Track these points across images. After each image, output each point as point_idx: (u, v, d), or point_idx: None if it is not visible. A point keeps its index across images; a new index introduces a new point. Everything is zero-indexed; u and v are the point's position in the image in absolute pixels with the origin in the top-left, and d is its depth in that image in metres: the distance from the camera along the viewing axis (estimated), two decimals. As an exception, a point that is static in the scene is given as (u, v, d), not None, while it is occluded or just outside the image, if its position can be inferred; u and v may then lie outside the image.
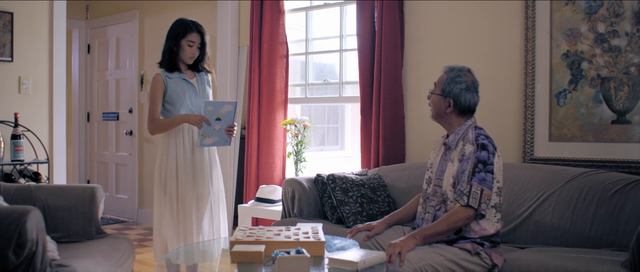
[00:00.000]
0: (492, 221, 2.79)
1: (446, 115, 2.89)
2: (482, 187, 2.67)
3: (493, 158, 2.74)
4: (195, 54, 3.75)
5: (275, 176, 5.20)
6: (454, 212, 2.72)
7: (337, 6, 5.19)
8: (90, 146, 7.80)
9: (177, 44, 3.71)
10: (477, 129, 2.86)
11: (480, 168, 2.69)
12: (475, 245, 2.76)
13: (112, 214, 7.40)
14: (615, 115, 3.63)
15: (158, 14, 6.78)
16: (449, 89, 2.85)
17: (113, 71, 7.44)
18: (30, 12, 4.51)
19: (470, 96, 2.86)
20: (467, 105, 2.86)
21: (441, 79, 2.90)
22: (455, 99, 2.85)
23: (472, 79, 2.90)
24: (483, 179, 2.68)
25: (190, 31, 3.71)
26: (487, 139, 2.78)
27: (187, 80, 3.77)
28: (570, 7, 3.77)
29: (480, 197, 2.67)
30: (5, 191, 3.60)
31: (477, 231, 2.77)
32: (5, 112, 4.37)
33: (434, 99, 2.92)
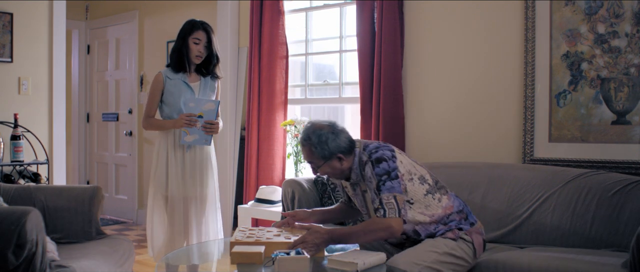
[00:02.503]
0: (435, 204, 2.77)
1: (346, 168, 2.80)
2: (394, 194, 2.64)
3: (394, 162, 2.69)
4: (202, 52, 3.77)
5: (275, 177, 5.19)
6: (372, 223, 2.67)
7: (336, 7, 5.19)
8: (89, 146, 7.80)
9: (184, 43, 3.75)
10: (365, 148, 2.79)
11: (384, 179, 2.65)
12: (456, 231, 2.77)
13: (111, 215, 7.40)
14: (615, 116, 3.63)
15: (158, 14, 6.78)
16: (328, 151, 2.74)
17: (113, 72, 7.44)
18: (30, 13, 4.51)
19: (342, 136, 2.77)
20: (347, 145, 2.78)
21: (311, 153, 2.77)
22: (339, 150, 2.75)
23: (323, 124, 2.80)
24: (391, 187, 2.64)
25: (196, 29, 3.74)
26: (378, 151, 2.73)
27: (186, 83, 3.78)
28: (570, 8, 3.77)
29: (396, 204, 2.63)
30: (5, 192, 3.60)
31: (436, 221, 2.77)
32: (5, 113, 4.37)
33: (326, 169, 2.81)
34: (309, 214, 3.04)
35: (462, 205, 2.87)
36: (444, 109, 4.32)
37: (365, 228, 2.69)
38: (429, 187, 2.78)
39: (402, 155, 2.80)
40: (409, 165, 2.78)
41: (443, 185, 2.88)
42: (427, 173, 2.84)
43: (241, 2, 5.69)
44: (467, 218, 2.85)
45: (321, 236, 2.65)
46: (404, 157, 2.80)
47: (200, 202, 3.81)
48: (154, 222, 3.81)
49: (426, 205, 2.76)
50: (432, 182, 2.81)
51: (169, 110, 3.79)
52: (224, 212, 5.59)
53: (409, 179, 2.74)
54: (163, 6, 6.67)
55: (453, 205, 2.81)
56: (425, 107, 4.39)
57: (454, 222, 2.79)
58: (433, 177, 2.85)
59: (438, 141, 4.23)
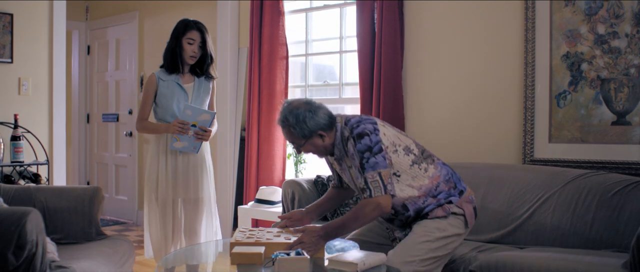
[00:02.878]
0: (421, 175, 2.71)
1: (329, 144, 2.75)
2: (379, 171, 2.58)
3: (376, 136, 2.63)
4: (196, 52, 3.72)
5: (275, 177, 5.19)
6: (361, 206, 2.63)
7: (336, 8, 5.19)
8: (90, 147, 7.80)
9: (178, 43, 3.70)
10: (346, 123, 2.72)
11: (367, 157, 2.59)
12: (446, 206, 2.71)
13: (111, 216, 7.39)
14: (615, 116, 3.63)
15: (158, 15, 6.78)
16: (307, 129, 2.68)
17: (113, 72, 7.44)
18: (30, 14, 4.51)
19: (320, 113, 2.71)
20: (326, 121, 2.71)
21: (291, 133, 2.72)
22: (319, 127, 2.69)
23: (299, 103, 2.74)
24: (375, 163, 2.58)
25: (189, 29, 3.70)
26: (359, 125, 2.66)
27: (180, 85, 3.74)
28: (570, 8, 3.77)
29: (381, 180, 2.58)
30: (5, 192, 3.60)
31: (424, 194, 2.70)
32: (5, 114, 4.37)
33: (308, 148, 2.76)
34: (305, 213, 3.00)
35: (450, 173, 2.80)
36: (444, 110, 4.32)
37: (356, 214, 2.64)
38: (415, 158, 2.72)
39: (386, 126, 2.74)
40: (393, 136, 2.72)
41: (430, 154, 2.81)
42: (413, 143, 2.78)
43: (241, 2, 5.69)
44: (456, 186, 2.77)
45: (316, 234, 2.64)
46: (387, 128, 2.73)
47: (194, 204, 3.77)
48: (148, 224, 3.81)
49: (413, 176, 2.69)
50: (418, 152, 2.75)
51: (162, 112, 3.75)
52: (224, 212, 5.59)
53: (393, 151, 2.67)
54: (163, 7, 6.67)
55: (440, 174, 2.75)
56: (425, 107, 4.39)
57: (443, 194, 2.72)
58: (419, 147, 2.79)
59: (438, 141, 4.23)
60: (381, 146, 2.62)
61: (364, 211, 2.62)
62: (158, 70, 3.79)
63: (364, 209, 2.61)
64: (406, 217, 2.74)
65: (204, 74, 3.81)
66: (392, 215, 2.77)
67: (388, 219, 2.83)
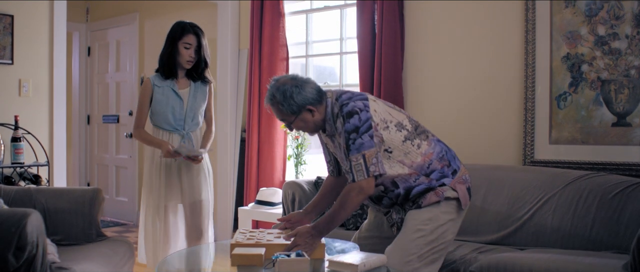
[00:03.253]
0: (414, 151, 2.65)
1: (319, 119, 2.71)
2: (363, 152, 2.53)
3: (366, 113, 2.57)
4: (193, 57, 3.61)
5: (275, 179, 5.19)
6: (345, 193, 2.60)
7: (337, 9, 5.20)
8: (90, 148, 7.80)
9: (174, 47, 3.59)
10: (338, 99, 2.66)
11: (353, 138, 2.55)
12: (438, 190, 2.64)
13: (112, 217, 7.39)
14: (616, 117, 3.63)
15: (158, 16, 6.79)
16: (295, 105, 2.64)
17: (113, 74, 7.44)
18: (31, 15, 4.51)
19: (307, 88, 2.65)
20: (314, 95, 2.66)
21: (280, 110, 2.69)
22: (307, 102, 2.65)
23: (286, 79, 2.70)
24: (360, 144, 2.53)
25: (186, 32, 3.58)
26: (349, 102, 2.60)
27: (175, 92, 3.63)
28: (571, 10, 3.77)
29: (364, 163, 2.53)
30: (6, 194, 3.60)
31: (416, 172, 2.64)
32: (6, 115, 4.37)
33: (299, 124, 2.72)
34: (303, 214, 2.97)
35: (444, 150, 2.73)
36: (444, 111, 4.32)
37: (341, 203, 2.61)
38: (408, 133, 2.66)
39: (377, 102, 2.68)
40: (384, 113, 2.65)
41: (424, 130, 2.74)
42: (406, 118, 2.72)
43: (241, 4, 5.69)
44: (449, 164, 2.71)
45: (309, 233, 2.63)
46: (379, 104, 2.67)
47: (196, 206, 3.69)
48: (142, 228, 3.77)
49: (405, 152, 2.63)
50: (411, 128, 2.69)
51: (156, 119, 3.66)
52: (225, 214, 5.59)
53: (384, 127, 2.61)
54: (163, 8, 6.67)
55: (433, 152, 2.68)
56: (426, 108, 4.39)
57: (436, 174, 2.65)
58: (412, 123, 2.72)
59: (438, 142, 4.23)
60: (370, 123, 2.56)
61: (348, 197, 2.58)
62: (153, 74, 3.68)
63: (348, 196, 2.58)
64: (395, 195, 2.68)
65: (199, 79, 3.70)
66: (381, 192, 2.70)
67: (376, 198, 2.74)
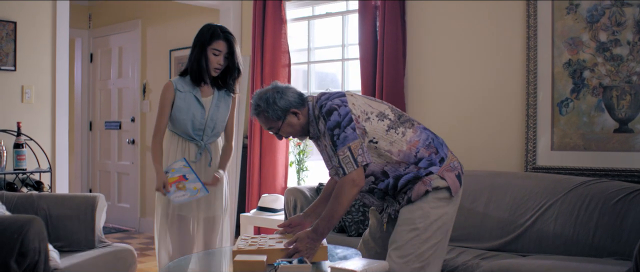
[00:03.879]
0: (399, 139, 2.64)
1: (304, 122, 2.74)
2: (348, 145, 2.54)
3: (345, 108, 2.59)
4: (221, 64, 3.35)
5: (277, 185, 5.19)
6: (338, 188, 2.60)
7: (339, 15, 5.21)
8: (92, 154, 7.81)
9: (203, 53, 3.33)
10: (317, 101, 2.69)
11: (337, 133, 2.57)
12: (425, 179, 2.62)
13: (114, 223, 7.40)
14: (618, 124, 3.63)
15: (160, 23, 6.80)
16: (280, 109, 2.69)
17: (115, 80, 7.46)
18: (34, 21, 4.52)
19: (288, 92, 2.71)
20: (296, 99, 2.71)
21: (266, 118, 2.73)
22: (291, 106, 2.69)
23: (266, 88, 2.75)
24: (344, 138, 2.55)
25: (216, 38, 3.33)
26: (327, 102, 2.63)
27: (198, 99, 3.39)
28: (572, 16, 3.78)
29: (351, 155, 2.54)
30: (8, 200, 3.60)
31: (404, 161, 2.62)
32: (8, 121, 4.38)
33: (286, 129, 2.75)
34: (304, 217, 2.97)
35: (431, 138, 2.72)
36: (446, 117, 4.32)
37: (337, 198, 2.60)
38: (390, 122, 2.66)
39: (355, 96, 2.70)
40: (364, 105, 2.67)
41: (408, 118, 2.74)
42: (388, 108, 2.72)
43: (243, 10, 5.70)
44: (437, 151, 2.69)
45: (309, 238, 2.63)
46: (357, 98, 2.69)
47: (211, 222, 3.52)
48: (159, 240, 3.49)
49: (390, 141, 2.63)
50: (393, 117, 2.69)
51: (174, 126, 3.42)
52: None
53: (365, 118, 2.63)
54: (165, 15, 6.69)
55: (419, 139, 2.67)
56: (427, 115, 4.39)
57: (423, 162, 2.63)
58: (395, 112, 2.72)
59: (440, 149, 4.23)
60: (351, 116, 2.59)
61: (343, 192, 2.58)
62: (175, 77, 3.42)
63: (342, 191, 2.58)
64: (385, 184, 2.67)
65: (225, 87, 3.47)
66: (371, 183, 2.69)
67: (368, 190, 2.73)
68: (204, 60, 3.33)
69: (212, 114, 3.44)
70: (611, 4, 3.63)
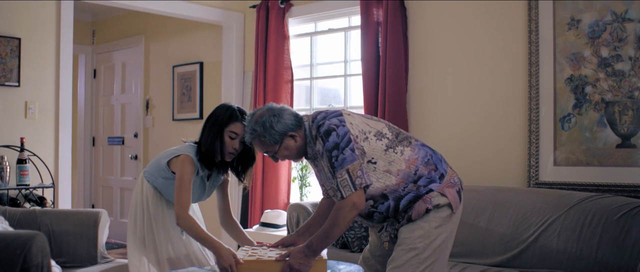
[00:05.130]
0: (397, 158, 2.60)
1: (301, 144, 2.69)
2: (346, 167, 2.50)
3: (343, 128, 2.55)
4: (236, 148, 2.98)
5: (280, 201, 5.19)
6: (337, 210, 2.56)
7: (341, 31, 5.23)
8: (95, 170, 7.82)
9: (220, 135, 2.95)
10: (313, 121, 2.65)
11: (335, 155, 2.52)
12: (426, 197, 2.58)
13: (116, 239, 7.38)
14: (620, 139, 3.63)
15: (163, 39, 6.83)
16: (277, 134, 2.63)
17: (118, 96, 7.48)
18: (38, 38, 4.55)
19: (284, 115, 2.66)
20: (293, 121, 2.66)
21: (263, 143, 2.67)
22: (288, 129, 2.64)
23: (261, 111, 2.69)
24: (343, 159, 2.51)
25: (234, 120, 2.95)
26: (324, 122, 2.59)
27: (203, 181, 3.10)
28: (574, 32, 3.79)
29: (350, 178, 2.50)
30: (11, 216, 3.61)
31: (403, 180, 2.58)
32: (12, 137, 4.39)
33: (283, 152, 2.70)
34: (296, 236, 2.95)
35: (429, 154, 2.67)
36: (448, 133, 4.32)
37: (334, 220, 2.57)
38: (389, 142, 2.62)
39: (352, 115, 2.66)
40: (361, 124, 2.63)
41: (406, 136, 2.70)
42: (386, 127, 2.68)
43: (246, 26, 5.73)
44: (436, 168, 2.64)
45: (302, 253, 2.62)
46: (354, 117, 2.65)
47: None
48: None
49: (389, 161, 2.60)
50: (391, 136, 2.65)
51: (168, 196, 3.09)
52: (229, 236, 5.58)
53: (363, 138, 2.59)
54: (168, 31, 6.71)
55: (417, 157, 2.63)
56: (430, 131, 4.39)
57: (423, 180, 2.59)
58: (393, 131, 2.68)
59: (443, 164, 4.23)
60: (349, 137, 2.54)
61: (341, 214, 2.55)
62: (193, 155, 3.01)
63: (341, 213, 2.55)
64: (386, 207, 2.63)
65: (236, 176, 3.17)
66: (371, 207, 2.65)
67: (367, 214, 2.70)
68: (219, 143, 2.96)
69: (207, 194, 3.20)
70: (612, 19, 3.65)
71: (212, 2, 5.58)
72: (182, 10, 5.42)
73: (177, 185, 2.93)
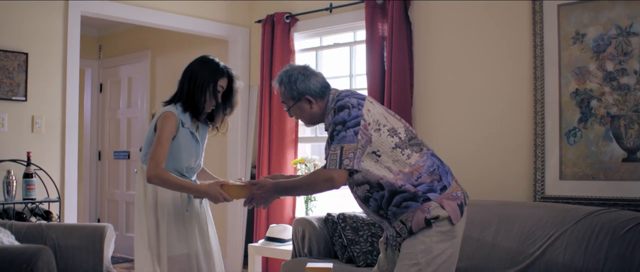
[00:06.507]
0: (403, 160, 2.59)
1: (316, 112, 2.77)
2: (342, 144, 2.51)
3: (358, 110, 2.57)
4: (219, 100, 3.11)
5: (285, 215, 5.19)
6: (315, 175, 2.63)
7: (346, 46, 5.25)
8: (101, 184, 7.83)
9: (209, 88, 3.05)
10: (338, 94, 2.71)
11: (338, 129, 2.54)
12: (423, 207, 2.54)
13: (122, 253, 7.38)
14: (626, 153, 3.62)
15: (169, 54, 6.86)
16: (296, 91, 2.73)
17: (124, 110, 7.51)
18: (45, 53, 4.58)
19: (313, 79, 2.75)
20: (317, 88, 2.74)
21: (282, 93, 2.78)
22: (307, 92, 2.72)
23: (297, 66, 2.80)
24: (343, 137, 2.52)
25: (222, 75, 3.09)
26: (345, 99, 2.61)
27: (193, 134, 3.11)
28: (578, 46, 3.80)
29: (340, 155, 2.50)
30: (17, 230, 3.61)
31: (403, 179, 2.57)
32: (18, 151, 4.41)
33: (296, 111, 2.78)
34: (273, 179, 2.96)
35: (436, 165, 2.65)
36: (453, 147, 4.32)
37: (308, 181, 2.67)
38: (399, 141, 2.61)
39: (374, 104, 2.67)
40: (379, 115, 2.63)
41: (419, 143, 2.68)
42: (402, 127, 2.68)
43: (252, 41, 5.76)
44: (440, 179, 2.62)
45: (267, 189, 2.75)
46: (375, 107, 2.66)
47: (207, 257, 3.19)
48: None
49: (394, 159, 2.59)
50: (404, 137, 2.64)
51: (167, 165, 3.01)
52: (234, 250, 5.58)
53: (375, 128, 2.58)
54: (175, 46, 6.75)
55: (423, 165, 2.60)
56: (435, 145, 4.38)
57: (423, 186, 2.57)
58: (408, 133, 2.67)
59: (448, 178, 4.23)
60: (359, 120, 2.55)
61: (316, 179, 2.62)
62: (176, 110, 3.06)
63: (316, 178, 2.62)
64: (380, 196, 2.60)
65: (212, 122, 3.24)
66: (367, 192, 2.63)
67: (364, 198, 2.67)
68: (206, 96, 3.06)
69: (202, 148, 3.20)
70: (617, 33, 3.65)
71: (218, 17, 5.61)
72: (188, 26, 5.45)
73: (155, 141, 2.97)
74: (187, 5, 5.40)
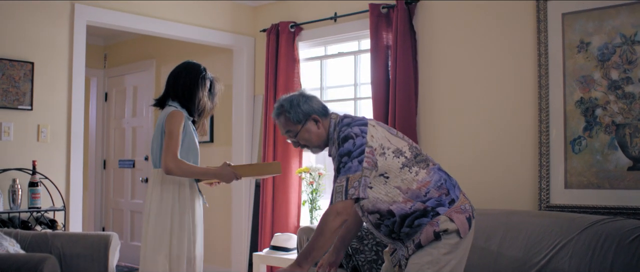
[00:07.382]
0: (411, 178, 2.61)
1: (322, 133, 2.78)
2: (348, 175, 2.53)
3: (362, 138, 2.58)
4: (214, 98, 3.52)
5: (290, 224, 5.18)
6: (323, 219, 2.57)
7: (351, 55, 5.25)
8: (106, 193, 7.84)
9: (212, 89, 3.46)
10: (339, 122, 2.73)
11: (344, 161, 2.56)
12: (433, 221, 2.57)
13: (127, 262, 7.38)
14: (632, 162, 3.61)
15: (174, 63, 6.79)
16: (301, 113, 2.74)
17: (130, 119, 7.52)
18: (51, 62, 4.60)
19: (314, 100, 2.79)
20: (320, 108, 2.78)
21: (287, 120, 2.77)
22: (312, 111, 2.75)
23: (295, 93, 2.84)
24: (349, 168, 2.54)
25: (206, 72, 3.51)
26: (348, 128, 2.64)
27: (194, 128, 3.41)
28: (583, 55, 3.80)
29: (346, 185, 2.52)
30: (23, 238, 3.62)
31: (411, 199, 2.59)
32: (24, 160, 4.42)
33: (304, 135, 2.78)
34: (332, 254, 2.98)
35: (444, 179, 2.68)
36: (458, 156, 4.32)
37: (319, 230, 2.57)
38: (406, 161, 2.64)
39: (377, 128, 2.68)
40: (383, 139, 2.65)
41: (425, 158, 2.71)
42: (407, 145, 2.70)
43: (257, 50, 5.78)
44: (448, 193, 2.64)
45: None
46: (378, 130, 2.67)
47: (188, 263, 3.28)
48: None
49: (402, 179, 2.61)
50: (410, 155, 2.66)
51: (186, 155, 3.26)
52: (239, 259, 5.58)
53: (380, 153, 2.60)
54: (180, 55, 6.76)
55: (431, 180, 2.63)
56: (440, 154, 4.39)
57: (432, 201, 2.59)
58: (413, 151, 2.69)
59: (453, 187, 4.22)
60: (364, 148, 2.57)
61: (326, 222, 2.55)
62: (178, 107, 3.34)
63: (326, 221, 2.55)
64: (392, 222, 2.63)
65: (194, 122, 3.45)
66: (378, 220, 2.66)
67: (375, 225, 2.70)
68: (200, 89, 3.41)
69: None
70: (622, 42, 3.65)
71: (222, 27, 5.63)
72: (193, 35, 5.47)
73: (166, 139, 3.15)
74: (192, 14, 5.42)
